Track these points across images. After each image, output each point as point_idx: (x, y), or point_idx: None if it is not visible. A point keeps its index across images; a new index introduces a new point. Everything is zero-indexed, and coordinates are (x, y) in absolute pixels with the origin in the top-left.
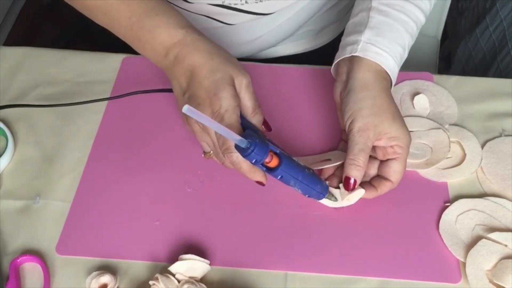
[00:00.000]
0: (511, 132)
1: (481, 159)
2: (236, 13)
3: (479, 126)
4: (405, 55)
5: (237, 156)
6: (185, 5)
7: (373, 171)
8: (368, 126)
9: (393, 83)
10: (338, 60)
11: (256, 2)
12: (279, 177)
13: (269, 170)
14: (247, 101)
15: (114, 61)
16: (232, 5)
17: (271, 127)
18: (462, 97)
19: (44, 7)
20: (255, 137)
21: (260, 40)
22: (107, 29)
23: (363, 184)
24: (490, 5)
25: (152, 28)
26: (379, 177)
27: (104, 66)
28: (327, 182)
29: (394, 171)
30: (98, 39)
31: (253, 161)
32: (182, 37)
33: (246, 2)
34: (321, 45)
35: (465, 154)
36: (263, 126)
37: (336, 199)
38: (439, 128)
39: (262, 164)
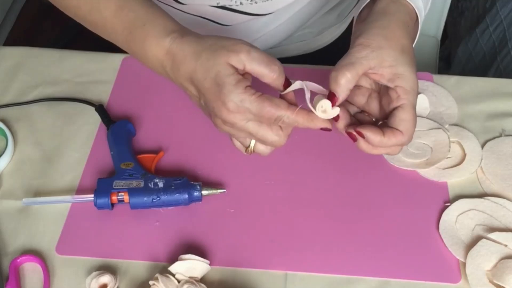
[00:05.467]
0: (511, 132)
1: (481, 159)
2: (231, 13)
3: (479, 126)
4: (428, 5)
5: (287, 116)
6: (178, 6)
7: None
8: (372, 43)
9: (420, 23)
10: (360, 10)
11: (251, 4)
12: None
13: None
14: (258, 69)
15: (114, 61)
16: (227, 6)
17: (289, 81)
18: (462, 97)
19: (44, 7)
20: (97, 191)
21: (257, 41)
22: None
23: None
24: (490, 5)
25: (142, 41)
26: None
27: (104, 66)
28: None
29: (400, 120)
30: (98, 39)
31: (98, 207)
32: (168, 46)
33: (241, 3)
34: (320, 47)
35: (465, 154)
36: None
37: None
38: (439, 128)
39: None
